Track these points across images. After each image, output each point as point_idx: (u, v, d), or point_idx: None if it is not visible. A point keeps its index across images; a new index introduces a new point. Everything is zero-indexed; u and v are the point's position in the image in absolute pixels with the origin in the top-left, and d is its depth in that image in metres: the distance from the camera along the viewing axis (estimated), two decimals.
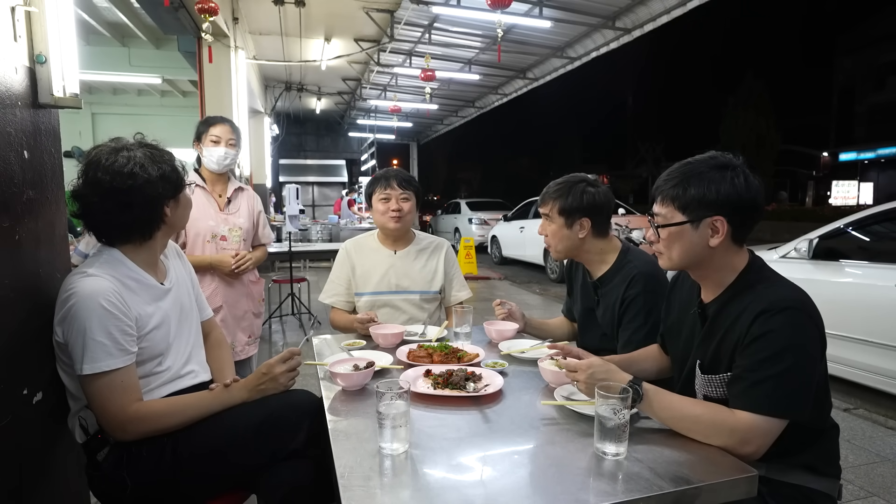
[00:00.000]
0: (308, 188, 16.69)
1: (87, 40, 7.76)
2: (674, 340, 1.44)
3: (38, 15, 1.31)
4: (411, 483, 0.99)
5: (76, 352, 1.22)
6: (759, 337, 1.10)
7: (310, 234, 6.98)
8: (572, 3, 6.72)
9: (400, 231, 2.19)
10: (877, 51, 26.55)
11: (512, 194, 18.89)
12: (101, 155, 1.31)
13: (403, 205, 2.16)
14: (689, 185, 1.18)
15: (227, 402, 1.35)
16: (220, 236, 2.44)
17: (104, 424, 1.27)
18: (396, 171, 2.24)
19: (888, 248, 3.27)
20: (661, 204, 1.23)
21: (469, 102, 13.12)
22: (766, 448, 1.09)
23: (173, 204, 1.40)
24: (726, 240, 1.18)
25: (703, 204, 1.17)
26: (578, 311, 1.97)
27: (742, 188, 1.16)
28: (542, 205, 1.80)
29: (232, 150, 2.44)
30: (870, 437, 2.81)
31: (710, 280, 1.26)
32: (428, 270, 2.23)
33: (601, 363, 1.22)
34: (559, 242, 1.78)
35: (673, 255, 1.24)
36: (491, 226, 11.92)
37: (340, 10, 7.13)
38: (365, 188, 2.29)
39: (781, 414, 1.08)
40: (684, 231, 1.20)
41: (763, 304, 1.12)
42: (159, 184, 1.34)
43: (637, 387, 1.15)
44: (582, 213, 1.73)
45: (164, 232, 1.43)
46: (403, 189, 2.16)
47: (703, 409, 1.14)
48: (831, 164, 28.90)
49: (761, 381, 1.09)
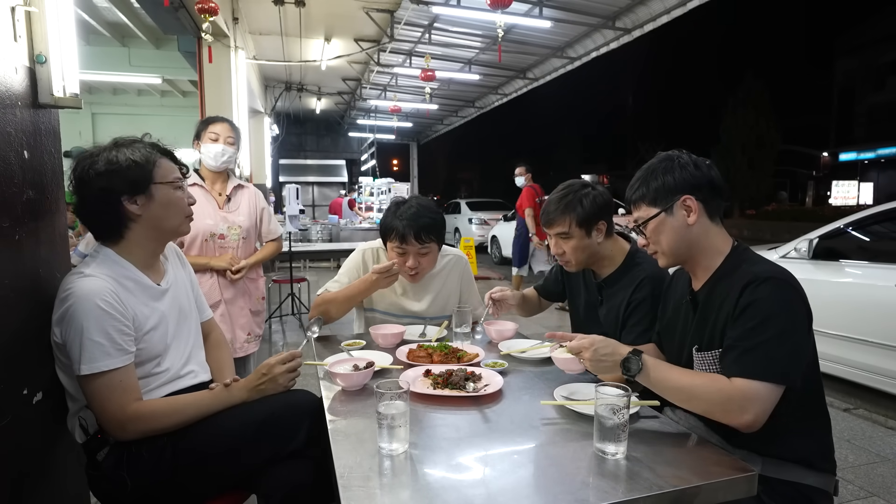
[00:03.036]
0: (308, 188, 16.71)
1: (87, 40, 7.77)
2: (669, 337, 1.46)
3: (38, 15, 1.31)
4: (411, 483, 0.99)
5: (74, 352, 1.22)
6: (747, 307, 1.15)
7: (310, 234, 6.98)
8: (572, 3, 6.72)
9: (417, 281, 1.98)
10: (877, 51, 26.52)
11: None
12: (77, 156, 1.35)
13: (422, 260, 1.87)
14: (648, 183, 1.32)
15: (226, 401, 1.35)
16: (219, 235, 2.44)
17: (104, 424, 1.27)
18: (417, 216, 1.81)
19: (888, 248, 3.27)
20: (636, 209, 1.36)
21: (469, 102, 13.12)
22: (764, 417, 1.10)
23: (142, 200, 1.33)
24: (702, 217, 1.28)
25: (667, 191, 1.29)
26: (579, 306, 1.95)
27: (692, 169, 1.29)
28: (554, 225, 1.71)
29: (230, 148, 2.45)
30: (870, 437, 2.81)
31: (699, 267, 1.33)
32: (443, 296, 2.06)
33: (602, 339, 1.25)
34: (580, 254, 1.72)
35: (664, 248, 1.33)
36: (491, 226, 11.92)
37: (340, 10, 7.13)
38: (380, 223, 1.97)
39: (775, 378, 1.10)
40: (663, 220, 1.30)
41: (748, 276, 1.18)
42: (105, 178, 1.29)
43: (636, 357, 1.19)
44: (598, 217, 1.70)
45: (145, 232, 1.37)
46: (423, 244, 1.83)
47: (700, 380, 1.17)
48: (831, 164, 28.87)
49: (753, 348, 1.12)
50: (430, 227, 1.84)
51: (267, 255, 2.67)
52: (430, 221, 1.85)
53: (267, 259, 2.68)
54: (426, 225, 1.83)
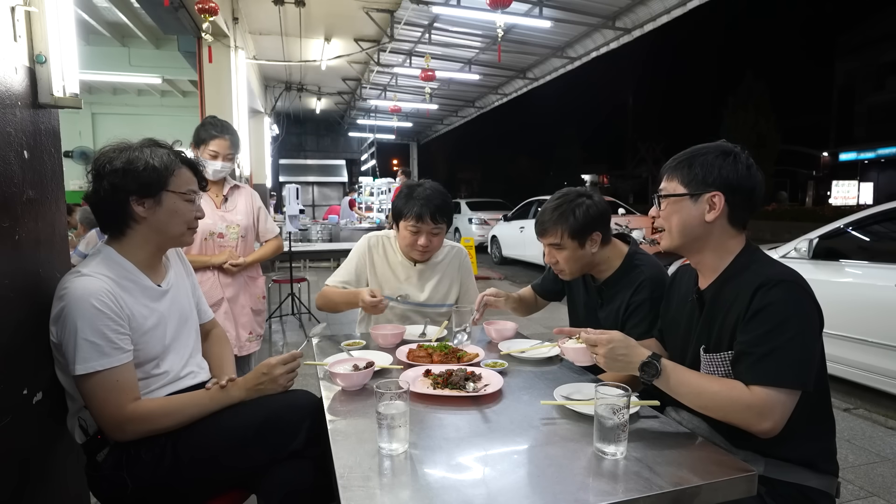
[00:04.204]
0: (308, 188, 16.70)
1: (87, 40, 7.77)
2: (672, 334, 1.46)
3: (38, 15, 1.31)
4: (411, 483, 0.99)
5: (69, 352, 1.22)
6: (760, 311, 1.13)
7: (310, 234, 6.97)
8: (572, 3, 6.72)
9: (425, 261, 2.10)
10: (877, 51, 26.50)
11: (512, 194, 18.89)
12: (106, 147, 1.37)
13: (434, 240, 1.99)
14: (693, 163, 1.27)
15: (224, 401, 1.35)
16: (218, 233, 2.49)
17: (102, 425, 1.27)
18: (431, 198, 1.95)
19: (888, 248, 3.27)
20: (667, 180, 1.32)
21: (469, 102, 13.12)
22: (783, 422, 1.09)
23: (150, 204, 1.35)
24: (722, 218, 1.25)
25: (704, 181, 1.24)
26: (578, 307, 1.95)
27: (743, 173, 1.23)
28: (547, 235, 1.70)
29: (228, 164, 2.52)
30: (870, 437, 2.81)
31: (707, 265, 1.31)
32: (444, 284, 2.14)
33: (622, 338, 1.22)
34: (574, 265, 1.71)
35: (672, 229, 1.30)
36: (491, 226, 11.92)
37: (340, 10, 7.13)
38: (393, 205, 2.07)
39: (792, 384, 1.09)
40: (684, 203, 1.27)
41: (760, 278, 1.16)
42: (119, 175, 1.31)
43: (656, 362, 1.17)
44: (592, 229, 1.67)
45: (147, 234, 1.38)
46: (436, 224, 1.96)
47: (720, 386, 1.15)
48: (831, 164, 28.87)
49: (768, 354, 1.10)
50: (443, 209, 1.97)
51: (267, 252, 2.70)
52: (444, 203, 1.98)
53: (267, 257, 2.70)
54: (440, 206, 1.96)
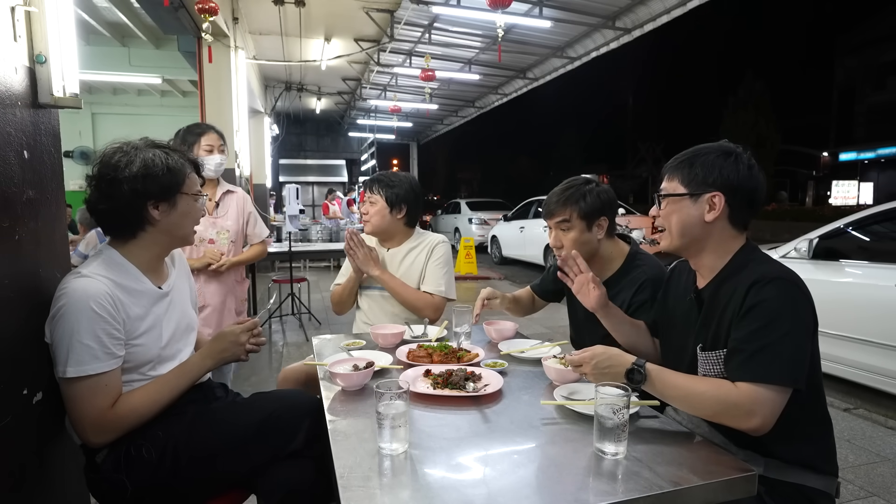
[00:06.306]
0: (308, 188, 16.69)
1: (87, 40, 7.76)
2: (667, 330, 1.46)
3: (38, 15, 1.31)
4: (411, 483, 0.99)
5: (60, 353, 1.21)
6: (753, 307, 1.14)
7: (310, 234, 6.97)
8: (572, 3, 6.72)
9: (373, 232, 2.25)
10: (877, 51, 26.51)
11: (512, 194, 18.91)
12: (107, 149, 1.34)
13: (370, 208, 2.22)
14: (694, 163, 1.27)
15: (192, 373, 1.37)
16: (209, 240, 2.53)
17: (81, 428, 1.25)
18: (380, 174, 2.29)
19: (888, 248, 3.27)
20: (668, 179, 1.33)
21: (469, 102, 13.11)
22: (772, 420, 1.09)
23: (164, 207, 1.35)
24: (722, 219, 1.25)
25: (704, 181, 1.25)
26: (578, 308, 1.94)
27: (744, 173, 1.24)
28: (556, 214, 1.73)
29: (224, 156, 2.56)
30: (870, 437, 2.81)
31: (705, 265, 1.31)
32: (414, 269, 2.23)
33: (602, 350, 1.24)
34: (579, 249, 1.70)
35: (672, 229, 1.30)
36: (491, 226, 11.92)
37: (340, 10, 7.13)
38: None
39: (781, 381, 1.09)
40: (684, 203, 1.27)
41: (755, 276, 1.16)
42: (140, 180, 1.30)
43: (640, 368, 1.17)
44: (601, 213, 1.71)
45: (157, 237, 1.38)
46: (371, 193, 2.23)
47: (706, 386, 1.15)
48: (831, 164, 28.88)
49: (759, 351, 1.10)
50: (383, 181, 2.23)
51: (251, 256, 2.73)
52: (385, 178, 2.24)
53: (251, 261, 2.75)
54: (379, 178, 2.25)
